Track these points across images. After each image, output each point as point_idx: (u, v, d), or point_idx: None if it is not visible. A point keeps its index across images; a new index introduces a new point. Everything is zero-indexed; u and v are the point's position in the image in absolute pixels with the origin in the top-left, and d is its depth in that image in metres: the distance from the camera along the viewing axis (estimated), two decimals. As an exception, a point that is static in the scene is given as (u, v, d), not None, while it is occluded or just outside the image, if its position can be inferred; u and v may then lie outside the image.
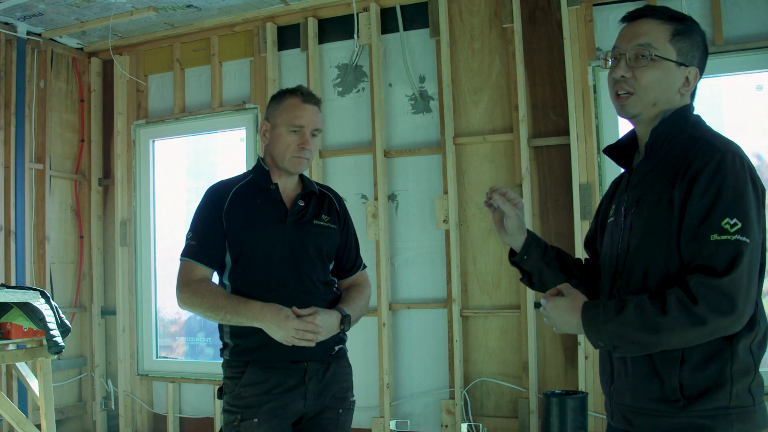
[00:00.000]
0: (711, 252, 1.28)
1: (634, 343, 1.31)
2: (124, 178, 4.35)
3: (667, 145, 1.44)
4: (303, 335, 1.84)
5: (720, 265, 1.27)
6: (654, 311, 1.28)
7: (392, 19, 3.77)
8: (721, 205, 1.30)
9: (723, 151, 1.34)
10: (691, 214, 1.32)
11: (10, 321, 2.94)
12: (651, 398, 1.36)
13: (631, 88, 1.45)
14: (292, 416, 1.95)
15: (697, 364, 1.32)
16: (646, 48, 1.44)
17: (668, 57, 1.44)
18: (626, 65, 1.46)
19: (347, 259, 2.16)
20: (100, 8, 3.88)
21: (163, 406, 4.17)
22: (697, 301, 1.26)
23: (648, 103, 1.45)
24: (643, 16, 1.48)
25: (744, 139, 3.19)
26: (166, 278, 4.30)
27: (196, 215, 2.04)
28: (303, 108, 2.02)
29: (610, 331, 1.32)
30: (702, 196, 1.31)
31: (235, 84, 4.15)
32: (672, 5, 3.24)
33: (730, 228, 1.28)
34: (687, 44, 1.46)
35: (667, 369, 1.34)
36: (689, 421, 1.32)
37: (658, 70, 1.44)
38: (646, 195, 1.42)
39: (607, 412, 1.51)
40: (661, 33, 1.45)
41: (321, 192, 2.14)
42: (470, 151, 3.60)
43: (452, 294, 3.51)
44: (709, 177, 1.31)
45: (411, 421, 3.62)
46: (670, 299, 1.28)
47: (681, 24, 1.47)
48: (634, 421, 1.40)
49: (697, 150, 1.37)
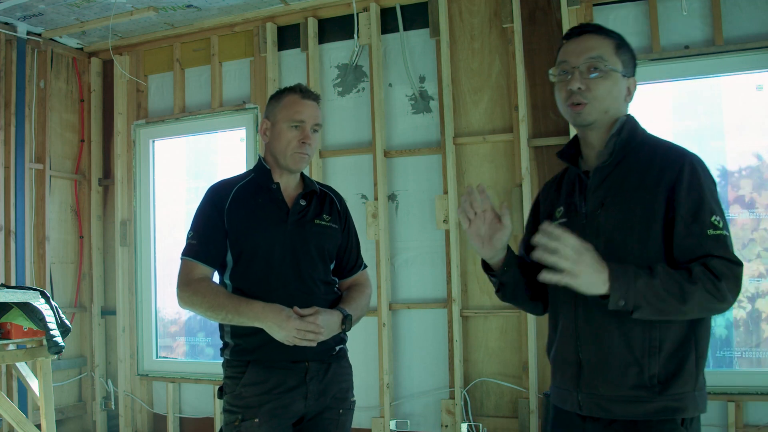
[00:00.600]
0: (713, 245, 1.42)
1: (658, 307, 1.39)
2: (124, 178, 4.35)
3: (624, 150, 1.56)
4: (304, 335, 1.84)
5: (728, 255, 1.42)
6: (682, 280, 1.38)
7: (392, 19, 3.77)
8: (704, 204, 1.45)
9: (689, 155, 1.50)
10: (682, 215, 1.44)
11: (10, 321, 2.94)
12: (630, 386, 1.46)
13: (585, 99, 1.55)
14: (293, 416, 1.95)
15: (670, 352, 1.46)
16: (598, 60, 1.55)
17: (616, 68, 1.57)
18: (580, 77, 1.56)
19: (348, 258, 2.16)
20: (100, 8, 3.88)
21: (163, 406, 4.17)
22: (720, 278, 1.38)
23: (602, 112, 1.57)
24: (588, 32, 1.60)
25: (744, 139, 3.19)
26: (166, 278, 4.30)
27: (197, 214, 2.04)
28: (302, 104, 2.03)
29: (639, 289, 1.37)
30: (687, 198, 1.45)
31: (235, 84, 4.15)
32: (672, 5, 3.25)
33: (717, 224, 1.44)
34: (628, 57, 1.61)
35: (647, 358, 1.45)
36: (665, 404, 1.44)
37: (609, 80, 1.56)
38: (615, 197, 1.53)
39: (569, 404, 1.57)
40: (608, 47, 1.57)
41: (322, 191, 2.14)
42: (470, 151, 3.60)
43: (452, 294, 3.51)
44: (689, 180, 1.46)
45: (411, 421, 3.62)
46: (696, 272, 1.39)
47: (619, 38, 1.61)
48: (612, 408, 1.48)
49: (663, 156, 1.51)
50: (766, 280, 3.12)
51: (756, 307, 3.13)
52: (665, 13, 3.27)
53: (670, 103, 3.36)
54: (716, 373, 3.12)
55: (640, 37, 3.31)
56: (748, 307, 3.14)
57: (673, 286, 1.38)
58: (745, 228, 3.17)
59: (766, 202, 3.14)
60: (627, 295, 1.37)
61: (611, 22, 3.37)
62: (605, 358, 1.49)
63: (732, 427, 2.99)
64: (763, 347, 3.11)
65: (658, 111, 3.36)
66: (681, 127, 3.32)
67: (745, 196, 3.18)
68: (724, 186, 3.21)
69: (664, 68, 3.25)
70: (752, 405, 3.02)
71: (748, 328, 3.14)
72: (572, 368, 1.55)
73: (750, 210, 3.16)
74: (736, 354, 3.13)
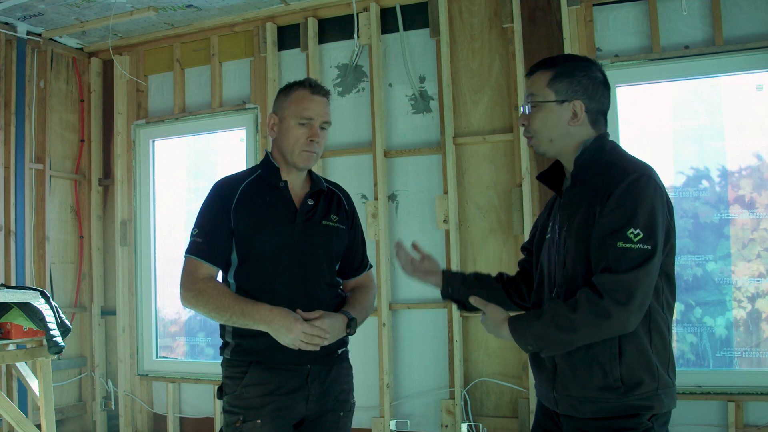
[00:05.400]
0: (617, 256, 1.50)
1: (556, 342, 1.56)
2: (124, 178, 4.35)
3: (589, 170, 1.66)
4: (311, 339, 1.82)
5: (623, 267, 1.49)
6: (566, 311, 1.52)
7: (392, 19, 3.77)
8: (626, 217, 1.52)
9: (634, 173, 1.56)
10: (601, 226, 1.55)
11: (10, 321, 2.94)
12: (596, 387, 1.58)
13: (530, 133, 1.72)
14: (294, 418, 1.93)
15: (631, 357, 1.56)
16: (532, 97, 1.70)
17: (547, 99, 1.68)
18: (524, 114, 1.73)
19: (354, 259, 2.12)
20: (100, 8, 3.88)
21: (163, 406, 4.17)
22: (602, 295, 1.49)
23: (546, 141, 1.71)
24: (533, 72, 1.74)
25: (744, 139, 3.19)
26: (166, 278, 4.30)
27: (202, 211, 1.99)
28: (311, 100, 1.97)
29: (535, 335, 1.56)
30: (612, 211, 1.54)
31: (235, 84, 4.15)
32: (672, 5, 3.25)
33: (634, 237, 1.50)
34: (565, 83, 1.68)
35: (609, 362, 1.56)
36: (630, 403, 1.56)
37: (542, 112, 1.69)
38: (575, 215, 1.65)
39: (548, 401, 1.72)
40: (542, 81, 1.69)
41: (330, 190, 2.09)
42: (470, 151, 3.60)
43: (452, 294, 3.50)
44: (620, 195, 1.54)
45: (411, 421, 3.62)
46: (579, 298, 1.52)
47: (562, 67, 1.70)
48: (581, 408, 1.61)
49: (613, 174, 1.59)
50: (766, 280, 3.12)
51: (756, 307, 3.13)
52: (665, 13, 3.27)
53: (670, 103, 3.36)
54: (716, 373, 3.12)
55: (640, 37, 3.31)
56: (748, 307, 3.14)
57: (561, 319, 1.52)
58: (745, 228, 3.17)
59: (766, 202, 3.14)
60: (528, 342, 1.58)
61: (611, 22, 3.37)
62: (575, 362, 1.60)
63: (732, 427, 2.99)
64: (763, 347, 3.11)
65: (658, 111, 3.36)
66: (681, 127, 3.32)
67: (745, 196, 3.17)
68: (724, 186, 3.22)
69: (664, 68, 3.25)
70: (752, 405, 3.02)
71: (748, 328, 3.14)
72: (548, 370, 1.68)
73: (750, 210, 3.16)
74: (736, 354, 3.13)
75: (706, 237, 3.21)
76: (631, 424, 1.56)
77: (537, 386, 1.78)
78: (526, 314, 1.62)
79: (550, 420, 1.73)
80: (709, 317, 3.18)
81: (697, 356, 3.20)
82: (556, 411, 1.69)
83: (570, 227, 1.65)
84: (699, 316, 3.21)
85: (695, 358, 3.20)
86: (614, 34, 3.38)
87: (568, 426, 1.66)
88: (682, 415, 3.04)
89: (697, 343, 3.20)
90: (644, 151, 3.32)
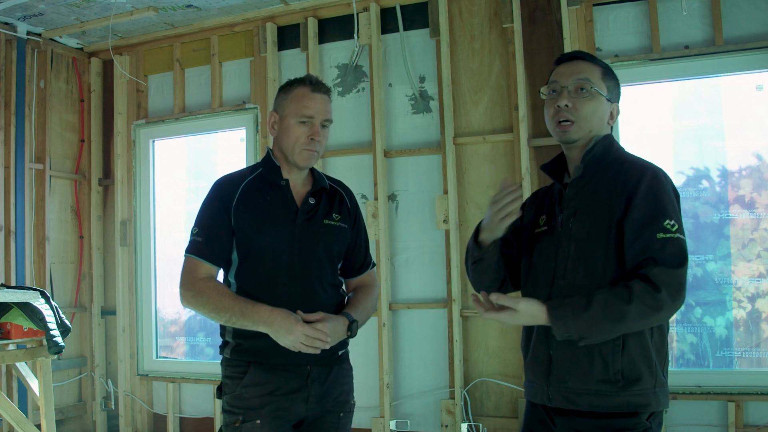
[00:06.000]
0: (659, 247, 1.53)
1: (600, 332, 1.54)
2: (124, 178, 4.35)
3: (597, 165, 1.69)
4: (312, 342, 1.80)
5: (671, 258, 1.53)
6: (620, 302, 1.51)
7: (392, 19, 3.77)
8: (659, 208, 1.56)
9: (652, 168, 1.63)
10: (634, 219, 1.57)
11: (10, 321, 2.94)
12: (596, 379, 1.59)
13: (573, 117, 1.68)
14: (294, 419, 1.92)
15: (633, 350, 1.58)
16: (585, 82, 1.68)
17: (602, 92, 1.69)
18: (568, 96, 1.69)
19: (356, 258, 2.09)
20: (100, 8, 3.88)
21: (163, 406, 4.17)
22: (659, 288, 1.50)
23: (586, 131, 1.69)
24: (577, 58, 1.74)
25: (744, 139, 3.19)
26: (166, 278, 4.30)
27: (202, 210, 1.96)
28: (312, 97, 1.94)
29: (580, 325, 1.53)
30: (644, 204, 1.57)
31: (235, 84, 4.15)
32: (672, 5, 3.25)
33: (671, 228, 1.55)
34: (613, 84, 1.73)
35: (612, 354, 1.58)
36: (628, 399, 1.57)
37: (594, 101, 1.69)
38: (585, 207, 1.67)
39: (539, 397, 1.70)
40: (596, 71, 1.71)
41: (332, 188, 2.06)
42: (470, 151, 3.60)
43: (452, 294, 3.51)
44: (647, 187, 1.58)
45: (411, 421, 3.62)
46: (635, 289, 1.51)
47: (606, 67, 1.74)
48: (578, 400, 1.61)
49: (628, 169, 1.64)
50: (766, 280, 3.12)
51: (756, 307, 3.13)
52: (665, 13, 3.27)
53: (670, 103, 3.36)
54: (716, 373, 3.12)
55: (640, 37, 3.31)
56: (748, 307, 3.14)
57: (613, 310, 1.51)
58: (745, 228, 3.17)
59: (766, 202, 3.14)
60: (569, 331, 1.55)
61: (611, 22, 3.37)
62: (576, 355, 1.61)
63: (732, 427, 2.99)
64: (763, 347, 3.11)
65: (658, 111, 3.36)
66: (681, 127, 3.32)
67: (745, 196, 3.17)
68: (724, 186, 3.22)
69: (664, 68, 3.25)
70: (752, 405, 3.02)
71: (748, 328, 3.14)
72: (543, 365, 1.68)
73: (750, 210, 3.16)
74: (736, 354, 3.13)
75: (706, 237, 3.21)
76: (630, 423, 1.57)
77: (528, 384, 1.78)
78: (568, 303, 1.56)
79: (539, 422, 1.73)
80: (709, 317, 3.18)
81: (697, 356, 3.20)
82: (548, 407, 1.68)
83: (579, 219, 1.66)
84: (699, 316, 3.21)
85: (695, 358, 3.20)
86: (614, 34, 3.38)
87: (564, 426, 1.65)
88: (682, 415, 3.04)
89: (697, 343, 3.20)
90: (644, 151, 3.29)
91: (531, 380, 1.76)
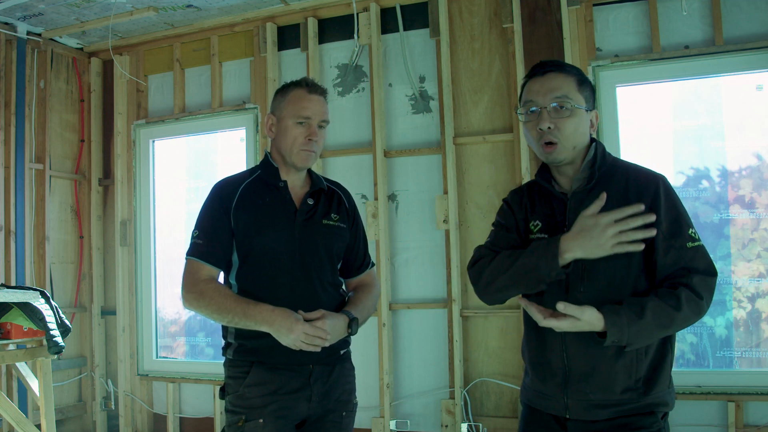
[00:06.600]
0: (692, 256, 1.59)
1: (647, 338, 1.56)
2: (124, 178, 4.35)
3: (595, 174, 1.67)
4: (312, 340, 1.81)
5: (706, 267, 1.59)
6: (670, 310, 1.54)
7: (392, 19, 3.77)
8: (682, 219, 1.61)
9: (660, 177, 1.65)
10: (663, 230, 1.58)
11: (10, 321, 2.94)
12: (619, 391, 1.60)
13: (556, 138, 1.63)
14: (297, 418, 1.93)
15: (654, 355, 1.62)
16: (564, 100, 1.63)
17: (581, 105, 1.65)
18: (548, 117, 1.63)
19: (355, 257, 2.12)
20: (100, 8, 3.88)
21: (163, 406, 4.17)
22: (701, 296, 1.56)
23: (570, 149, 1.66)
24: (550, 71, 1.67)
25: (744, 139, 3.19)
26: (166, 278, 4.30)
27: (202, 213, 1.99)
28: (309, 99, 1.97)
29: (632, 333, 1.53)
30: (667, 215, 1.60)
31: (235, 84, 4.15)
32: (672, 5, 3.25)
33: (694, 236, 1.61)
34: (589, 91, 1.69)
35: (636, 364, 1.60)
36: (648, 402, 1.60)
37: (575, 118, 1.64)
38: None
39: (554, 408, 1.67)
40: (571, 84, 1.65)
41: (330, 188, 2.09)
42: (470, 151, 3.60)
43: (452, 294, 3.51)
44: (666, 198, 1.61)
45: (411, 421, 3.62)
46: (682, 297, 1.54)
47: (579, 74, 1.69)
48: (601, 413, 1.61)
49: (637, 180, 1.65)
50: (766, 280, 3.12)
51: (756, 307, 3.13)
52: (665, 13, 3.27)
53: (670, 103, 3.36)
54: (716, 373, 3.12)
55: (640, 37, 3.31)
56: (748, 307, 3.14)
57: (663, 318, 1.54)
58: (745, 228, 3.17)
59: (766, 202, 3.14)
60: (621, 338, 1.53)
61: (611, 22, 3.37)
62: (597, 367, 1.61)
63: (732, 427, 2.99)
64: (763, 347, 3.11)
65: (658, 111, 3.36)
66: (681, 127, 3.32)
67: (745, 196, 3.17)
68: (724, 186, 3.21)
69: (664, 68, 3.25)
70: (752, 405, 3.02)
71: (748, 328, 3.14)
72: (558, 376, 1.65)
73: (750, 210, 3.16)
74: (736, 354, 3.13)
75: (706, 237, 3.21)
76: (647, 422, 1.59)
77: (535, 393, 1.72)
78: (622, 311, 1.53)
79: (544, 428, 1.69)
80: (709, 317, 3.18)
81: (697, 356, 3.20)
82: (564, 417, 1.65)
83: None
84: (699, 316, 3.20)
85: (695, 358, 3.20)
86: (614, 34, 3.38)
87: (576, 428, 1.64)
88: (682, 415, 3.04)
89: (697, 343, 3.20)
90: (644, 151, 3.32)
91: (540, 390, 1.71)
